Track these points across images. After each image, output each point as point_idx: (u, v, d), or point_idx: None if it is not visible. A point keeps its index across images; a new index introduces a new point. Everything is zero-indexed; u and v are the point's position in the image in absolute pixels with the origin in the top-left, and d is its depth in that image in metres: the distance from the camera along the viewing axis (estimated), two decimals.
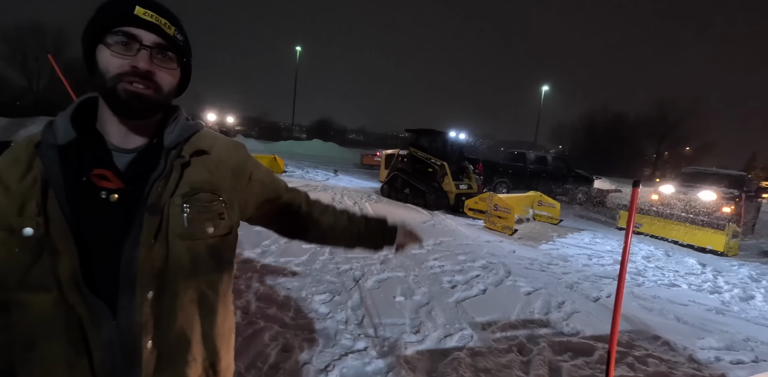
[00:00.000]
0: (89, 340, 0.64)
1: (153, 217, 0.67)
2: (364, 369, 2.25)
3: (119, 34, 0.65)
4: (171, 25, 0.69)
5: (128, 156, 0.71)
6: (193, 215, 0.71)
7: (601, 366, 2.56)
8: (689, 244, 6.93)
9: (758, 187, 9.96)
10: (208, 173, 0.75)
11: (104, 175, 0.66)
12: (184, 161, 0.72)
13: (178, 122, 0.76)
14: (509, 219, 6.54)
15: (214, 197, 0.75)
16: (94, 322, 0.63)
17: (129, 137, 0.72)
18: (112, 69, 0.65)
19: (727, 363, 2.83)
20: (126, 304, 0.65)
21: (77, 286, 0.62)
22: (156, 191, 0.68)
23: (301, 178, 11.34)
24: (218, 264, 0.77)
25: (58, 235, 0.62)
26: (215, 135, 0.83)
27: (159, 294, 0.68)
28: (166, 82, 0.70)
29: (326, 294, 3.19)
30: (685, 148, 42.74)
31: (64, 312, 0.63)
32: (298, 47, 35.99)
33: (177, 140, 0.74)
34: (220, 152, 0.80)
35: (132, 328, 0.65)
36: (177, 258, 0.69)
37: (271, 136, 39.56)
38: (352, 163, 20.53)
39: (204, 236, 0.72)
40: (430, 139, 9.31)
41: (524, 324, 3.08)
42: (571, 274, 4.58)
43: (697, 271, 5.37)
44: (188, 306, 0.71)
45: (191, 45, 0.78)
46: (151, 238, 0.66)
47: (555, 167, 13.20)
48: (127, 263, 0.65)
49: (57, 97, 21.92)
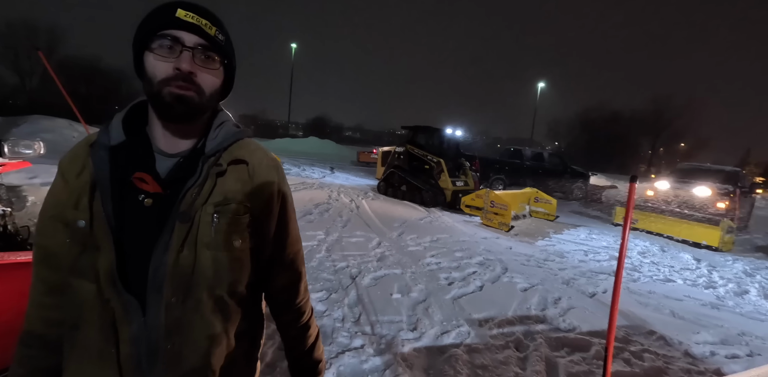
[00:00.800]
0: (119, 333, 0.67)
1: (183, 224, 0.68)
2: (361, 367, 2.25)
3: (163, 37, 0.67)
4: (212, 25, 0.70)
5: (171, 161, 0.73)
6: (221, 226, 0.71)
7: (597, 361, 2.57)
8: (684, 239, 6.98)
9: (752, 183, 9.99)
10: (241, 184, 0.74)
11: (144, 178, 0.68)
12: (220, 169, 0.72)
13: (222, 128, 0.77)
14: (506, 216, 6.55)
15: (244, 209, 0.74)
16: (125, 317, 0.67)
17: (173, 142, 0.73)
18: (159, 74, 0.67)
19: (722, 357, 2.85)
20: (154, 304, 0.67)
21: (113, 282, 0.66)
22: (189, 198, 0.69)
23: (297, 176, 11.30)
24: (244, 276, 0.76)
25: (100, 232, 0.66)
26: (257, 146, 0.81)
27: (184, 299, 0.69)
28: (209, 83, 0.71)
29: (323, 292, 3.18)
30: (680, 144, 43.01)
31: (101, 303, 0.67)
32: (293, 44, 35.85)
33: (217, 147, 0.74)
34: (259, 165, 0.78)
35: (158, 328, 0.67)
36: (202, 267, 0.70)
37: (268, 134, 39.43)
38: (349, 160, 20.49)
39: (230, 248, 0.72)
40: (427, 136, 9.30)
41: (521, 320, 3.08)
42: (568, 270, 4.59)
43: (692, 266, 5.40)
44: (209, 315, 0.71)
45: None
46: (179, 245, 0.67)
47: (551, 164, 13.24)
48: (155, 267, 0.67)
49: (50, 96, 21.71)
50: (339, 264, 3.88)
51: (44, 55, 3.83)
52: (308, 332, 0.91)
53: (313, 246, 4.37)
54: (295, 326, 0.89)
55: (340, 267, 3.80)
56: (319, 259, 3.98)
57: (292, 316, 0.89)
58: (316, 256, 4.06)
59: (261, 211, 0.77)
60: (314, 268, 3.71)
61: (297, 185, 8.98)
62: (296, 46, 36.00)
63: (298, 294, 0.88)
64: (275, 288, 0.85)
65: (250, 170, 0.76)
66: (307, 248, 4.29)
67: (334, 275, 3.58)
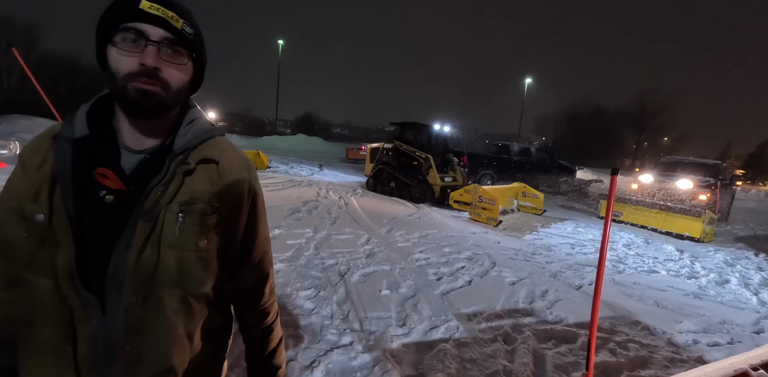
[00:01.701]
0: (77, 331, 0.65)
1: (146, 223, 0.66)
2: (350, 364, 2.24)
3: (125, 30, 0.64)
4: (179, 18, 0.67)
5: (137, 157, 0.70)
6: (186, 226, 0.69)
7: (583, 352, 2.60)
8: (668, 231, 7.12)
9: (733, 175, 10.27)
10: (210, 184, 0.72)
11: (106, 174, 0.66)
12: (188, 168, 0.70)
13: (193, 126, 0.74)
14: (494, 211, 6.59)
15: (212, 209, 0.72)
16: (84, 315, 0.65)
17: (139, 138, 0.71)
18: (122, 69, 0.64)
19: (704, 345, 2.92)
20: (113, 303, 0.65)
21: (71, 278, 0.64)
22: (153, 196, 0.66)
23: (285, 173, 11.21)
24: (210, 277, 0.74)
25: (59, 227, 0.64)
26: (229, 145, 0.79)
27: (145, 299, 0.67)
28: (176, 78, 0.68)
29: (311, 290, 3.16)
30: (663, 138, 43.84)
31: (58, 300, 0.64)
32: (280, 41, 35.41)
33: (186, 145, 0.71)
34: (230, 165, 0.76)
35: (117, 327, 0.66)
36: (165, 267, 0.68)
37: (255, 131, 38.98)
38: (338, 157, 20.40)
39: (195, 249, 0.70)
40: (415, 132, 9.30)
41: (509, 313, 3.11)
42: (555, 263, 4.65)
43: (675, 257, 5.52)
44: (172, 315, 0.70)
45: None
46: (142, 244, 0.66)
47: (538, 159, 13.38)
48: (116, 265, 0.65)
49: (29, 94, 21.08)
50: (328, 262, 3.86)
51: (19, 53, 3.71)
52: (271, 335, 0.88)
53: (301, 244, 4.34)
54: (258, 328, 0.86)
55: (328, 265, 3.78)
56: (307, 257, 3.95)
57: (255, 318, 0.86)
58: (305, 254, 4.03)
59: (229, 212, 0.75)
60: (302, 266, 3.69)
61: (285, 183, 8.90)
62: (283, 42, 35.62)
63: (263, 295, 0.86)
64: (240, 288, 0.83)
65: (220, 170, 0.74)
66: (295, 246, 4.26)
67: (323, 273, 3.56)
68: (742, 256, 5.99)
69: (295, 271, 3.54)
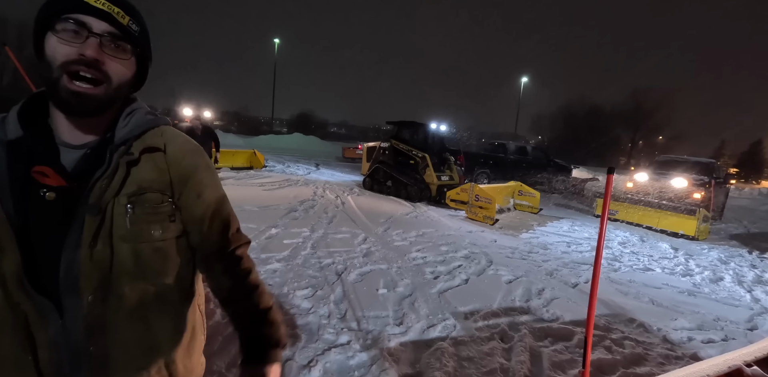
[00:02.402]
0: (35, 339, 0.63)
1: (93, 217, 0.64)
2: (347, 363, 2.24)
3: (68, 21, 0.62)
4: (125, 14, 0.66)
5: (77, 152, 0.68)
6: (138, 217, 0.68)
7: (580, 350, 2.62)
8: (662, 229, 7.17)
9: (726, 173, 10.35)
10: (158, 173, 0.71)
11: (44, 172, 0.63)
12: (131, 158, 0.69)
13: (133, 117, 0.73)
14: (490, 209, 6.61)
15: (163, 198, 0.71)
16: (39, 321, 0.62)
17: (77, 133, 0.69)
18: (59, 57, 0.62)
19: (699, 342, 2.94)
20: (71, 305, 0.63)
21: (21, 284, 0.61)
22: (98, 190, 0.65)
23: (281, 172, 11.18)
24: (171, 268, 0.73)
25: (1, 232, 0.61)
26: (175, 133, 0.78)
27: (104, 297, 0.65)
28: (117, 72, 0.67)
29: (308, 289, 3.16)
30: (658, 137, 44.08)
31: (10, 309, 0.62)
32: (276, 40, 35.30)
33: (127, 136, 0.70)
34: (176, 151, 0.75)
35: (78, 330, 0.64)
36: (121, 261, 0.67)
37: (251, 130, 38.80)
38: (334, 156, 20.36)
39: (150, 239, 0.69)
40: (412, 131, 9.29)
41: (506, 311, 3.12)
42: (551, 261, 4.67)
43: (670, 255, 5.56)
44: (136, 311, 0.68)
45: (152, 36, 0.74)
46: (91, 239, 0.64)
47: (534, 158, 13.42)
48: (67, 265, 0.63)
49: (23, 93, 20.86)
50: (325, 261, 3.86)
51: (12, 51, 3.67)
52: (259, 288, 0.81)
53: (298, 243, 4.34)
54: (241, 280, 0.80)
55: (325, 264, 3.78)
56: (304, 256, 3.95)
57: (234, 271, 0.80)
58: (302, 253, 4.03)
59: (186, 197, 0.74)
60: (299, 265, 3.68)
61: (281, 182, 8.88)
62: (279, 41, 35.49)
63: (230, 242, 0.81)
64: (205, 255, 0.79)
65: (168, 158, 0.73)
66: (292, 245, 4.25)
67: (320, 272, 3.56)
68: (736, 254, 6.04)
69: (292, 270, 3.54)
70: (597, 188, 12.07)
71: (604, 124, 40.88)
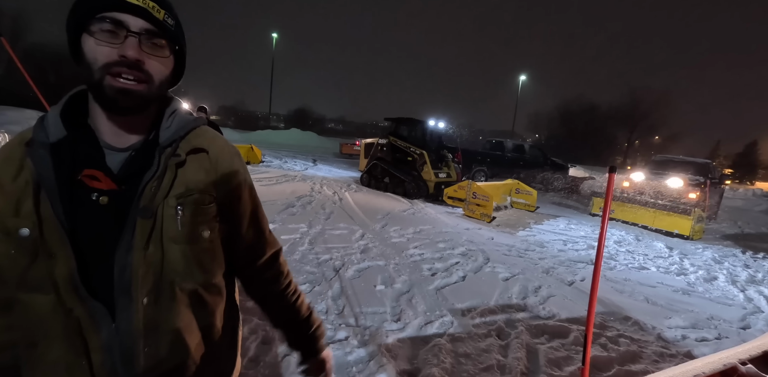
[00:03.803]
0: (88, 343, 0.63)
1: (145, 220, 0.64)
2: (345, 359, 2.25)
3: (104, 20, 0.60)
4: (160, 8, 0.64)
5: (122, 155, 0.67)
6: (187, 218, 0.67)
7: (575, 347, 2.64)
8: (658, 229, 7.22)
9: (721, 174, 10.43)
10: (204, 173, 0.71)
11: (95, 175, 0.63)
12: (179, 159, 0.68)
13: (175, 117, 0.72)
14: (487, 207, 6.63)
15: (210, 199, 0.71)
16: (93, 325, 0.62)
17: (121, 135, 0.68)
18: (100, 59, 0.60)
19: (693, 340, 2.98)
20: (124, 308, 0.63)
21: (75, 289, 0.61)
22: (149, 192, 0.64)
23: (279, 168, 11.14)
24: (217, 267, 0.74)
25: (52, 237, 0.60)
26: (216, 134, 0.78)
27: (156, 298, 0.66)
28: (158, 71, 0.65)
29: (306, 285, 3.16)
30: (654, 137, 44.29)
31: (63, 314, 0.62)
32: (274, 34, 35.03)
33: (173, 137, 0.69)
34: (221, 153, 0.75)
35: (131, 332, 0.64)
36: (172, 263, 0.66)
37: (248, 125, 38.67)
38: (332, 152, 20.31)
39: (199, 240, 0.69)
40: (410, 128, 9.28)
41: (502, 308, 3.14)
42: (547, 259, 4.69)
43: (665, 254, 5.61)
44: (185, 311, 0.69)
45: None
46: (144, 242, 0.63)
47: (532, 156, 13.46)
48: (120, 268, 0.63)
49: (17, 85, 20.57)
50: (322, 257, 3.86)
51: (8, 42, 3.62)
52: (300, 296, 0.95)
53: (295, 239, 4.33)
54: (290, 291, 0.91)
55: (323, 260, 3.78)
56: (302, 252, 3.94)
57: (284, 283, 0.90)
58: (299, 249, 4.02)
59: (229, 199, 0.75)
60: (297, 261, 3.68)
61: (279, 178, 8.85)
62: (277, 36, 35.22)
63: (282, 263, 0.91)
64: (260, 264, 0.86)
65: (212, 159, 0.73)
66: (289, 241, 4.24)
67: (318, 268, 3.56)
68: (730, 253, 6.10)
69: (290, 266, 3.52)
70: (593, 187, 12.12)
71: (601, 123, 41.01)
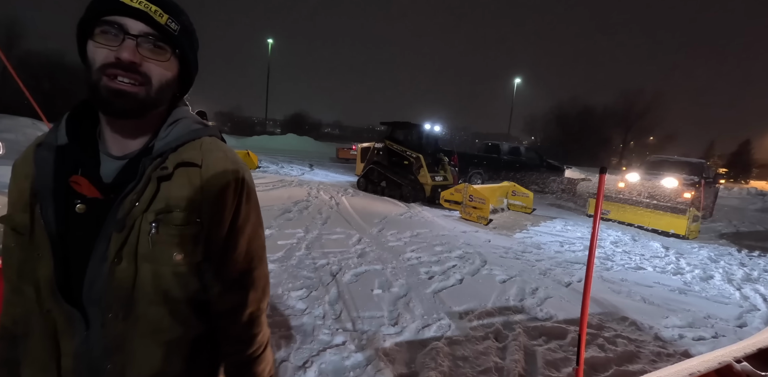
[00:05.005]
0: (61, 346, 0.63)
1: (119, 233, 0.62)
2: (342, 364, 2.24)
3: (105, 24, 0.61)
4: (163, 12, 0.63)
5: (118, 163, 0.66)
6: (160, 237, 0.63)
7: (573, 348, 2.64)
8: (654, 229, 7.25)
9: (716, 173, 10.50)
10: (191, 190, 0.66)
11: (79, 182, 0.63)
12: (165, 172, 0.64)
13: (176, 126, 0.69)
14: (484, 209, 6.64)
15: (190, 218, 0.65)
16: (68, 330, 0.63)
17: (122, 142, 0.67)
18: (98, 60, 0.61)
19: (690, 339, 2.98)
20: (94, 319, 0.63)
21: (52, 292, 0.62)
22: (127, 204, 0.62)
23: (275, 173, 11.13)
24: (190, 294, 0.68)
25: (39, 238, 0.62)
26: (215, 146, 0.71)
27: (125, 316, 0.63)
28: (157, 74, 0.64)
29: (303, 290, 3.15)
30: (649, 138, 44.60)
31: (41, 314, 0.63)
32: (270, 40, 35.17)
33: (164, 148, 0.66)
34: (214, 168, 0.68)
35: (99, 344, 0.63)
36: (143, 282, 0.64)
37: (245, 131, 38.65)
38: (328, 157, 20.33)
39: (170, 263, 0.64)
40: (406, 132, 9.30)
41: (500, 311, 3.14)
42: (544, 261, 4.70)
43: (661, 254, 5.63)
44: (154, 335, 0.65)
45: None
46: (115, 256, 0.62)
47: (528, 158, 13.51)
48: (91, 279, 0.62)
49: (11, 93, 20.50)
50: (319, 262, 3.85)
51: (1, 50, 3.62)
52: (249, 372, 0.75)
53: (292, 244, 4.32)
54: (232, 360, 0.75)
55: (320, 265, 3.77)
56: (298, 257, 3.94)
57: (230, 348, 0.74)
58: (296, 254, 4.01)
59: (211, 221, 0.67)
60: (294, 266, 3.67)
61: (275, 183, 8.84)
62: (273, 41, 35.36)
63: (238, 323, 0.73)
64: (214, 311, 0.73)
65: (202, 174, 0.67)
66: (286, 246, 4.24)
67: (315, 273, 3.55)
68: (725, 252, 6.12)
69: (287, 271, 3.52)
70: (589, 188, 12.18)
71: (596, 124, 41.27)
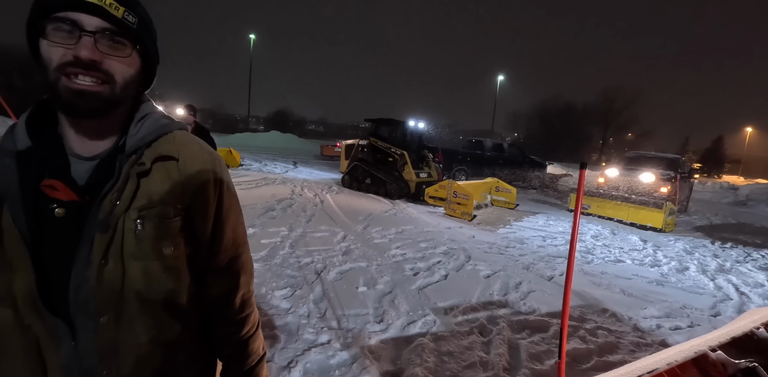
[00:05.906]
0: (46, 362, 0.60)
1: (102, 234, 0.60)
2: (328, 363, 2.22)
3: (57, 20, 0.57)
4: (119, 5, 0.60)
5: (88, 164, 0.64)
6: (147, 233, 0.63)
7: (556, 340, 2.69)
8: (632, 222, 7.44)
9: (691, 168, 10.83)
10: (170, 184, 0.66)
11: (54, 186, 0.59)
12: (143, 169, 0.63)
13: (145, 122, 0.67)
14: (468, 205, 6.69)
15: (175, 212, 0.66)
16: (52, 343, 0.59)
17: (87, 143, 0.64)
18: (55, 59, 0.57)
19: (667, 329, 3.07)
20: (83, 327, 0.60)
21: (33, 305, 0.58)
22: (108, 204, 0.60)
23: (258, 171, 10.97)
24: (183, 287, 0.68)
25: (13, 250, 0.58)
26: (190, 139, 0.72)
27: (116, 317, 0.62)
28: (120, 71, 0.61)
29: (287, 289, 3.11)
30: (627, 134, 45.69)
31: (20, 330, 0.59)
32: (252, 35, 34.60)
33: (138, 144, 0.64)
34: (191, 160, 0.69)
35: (90, 352, 0.60)
36: (132, 280, 0.62)
37: (227, 128, 37.98)
38: (312, 154, 20.16)
39: (160, 257, 0.64)
40: (390, 128, 9.30)
41: (484, 306, 3.17)
42: (528, 256, 4.77)
43: (639, 247, 5.78)
44: (149, 333, 0.65)
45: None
46: (101, 258, 0.60)
47: (511, 154, 13.68)
48: (76, 285, 0.59)
49: None
50: (303, 260, 3.81)
51: None
52: (246, 351, 0.78)
53: (276, 243, 4.27)
54: (229, 343, 0.77)
55: (304, 263, 3.74)
56: (282, 256, 3.89)
57: (225, 331, 0.77)
58: (280, 253, 3.97)
59: (195, 212, 0.69)
60: (278, 265, 3.63)
61: (259, 181, 8.72)
62: (255, 37, 34.79)
63: (233, 306, 0.76)
64: (208, 297, 0.75)
65: (180, 167, 0.67)
66: (270, 244, 4.18)
67: (299, 272, 3.52)
68: (700, 244, 6.33)
69: (271, 270, 3.48)
70: (571, 183, 12.42)
71: (577, 122, 42.05)
